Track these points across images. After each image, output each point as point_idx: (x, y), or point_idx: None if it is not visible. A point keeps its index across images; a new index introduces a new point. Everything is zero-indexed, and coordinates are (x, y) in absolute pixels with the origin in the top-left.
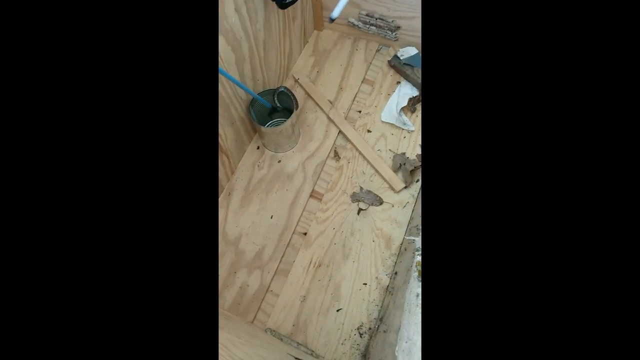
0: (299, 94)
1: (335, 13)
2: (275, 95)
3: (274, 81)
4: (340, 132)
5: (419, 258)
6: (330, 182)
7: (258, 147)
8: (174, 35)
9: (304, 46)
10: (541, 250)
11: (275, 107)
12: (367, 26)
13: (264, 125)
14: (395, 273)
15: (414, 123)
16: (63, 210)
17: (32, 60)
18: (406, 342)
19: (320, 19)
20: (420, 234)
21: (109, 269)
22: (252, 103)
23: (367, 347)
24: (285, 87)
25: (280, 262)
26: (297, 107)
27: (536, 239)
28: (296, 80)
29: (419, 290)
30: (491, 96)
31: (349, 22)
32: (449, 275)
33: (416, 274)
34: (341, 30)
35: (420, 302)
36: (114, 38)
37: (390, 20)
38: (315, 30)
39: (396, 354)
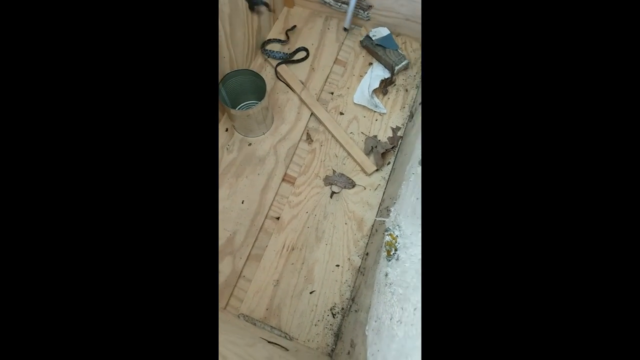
0: (269, 73)
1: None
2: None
3: (242, 59)
4: (312, 114)
5: (388, 238)
6: (303, 165)
7: (227, 130)
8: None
9: (274, 23)
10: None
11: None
12: (339, 4)
13: (236, 108)
14: (367, 254)
15: (386, 105)
16: (58, 198)
17: (34, 64)
18: (375, 321)
19: None
20: (389, 213)
21: (111, 264)
22: (224, 81)
23: (339, 327)
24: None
25: (252, 247)
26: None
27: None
28: (266, 59)
29: (388, 269)
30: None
31: None
32: (448, 267)
33: (385, 253)
34: (312, 8)
35: (388, 281)
36: (114, 28)
37: None
38: (285, 7)
39: (366, 333)
